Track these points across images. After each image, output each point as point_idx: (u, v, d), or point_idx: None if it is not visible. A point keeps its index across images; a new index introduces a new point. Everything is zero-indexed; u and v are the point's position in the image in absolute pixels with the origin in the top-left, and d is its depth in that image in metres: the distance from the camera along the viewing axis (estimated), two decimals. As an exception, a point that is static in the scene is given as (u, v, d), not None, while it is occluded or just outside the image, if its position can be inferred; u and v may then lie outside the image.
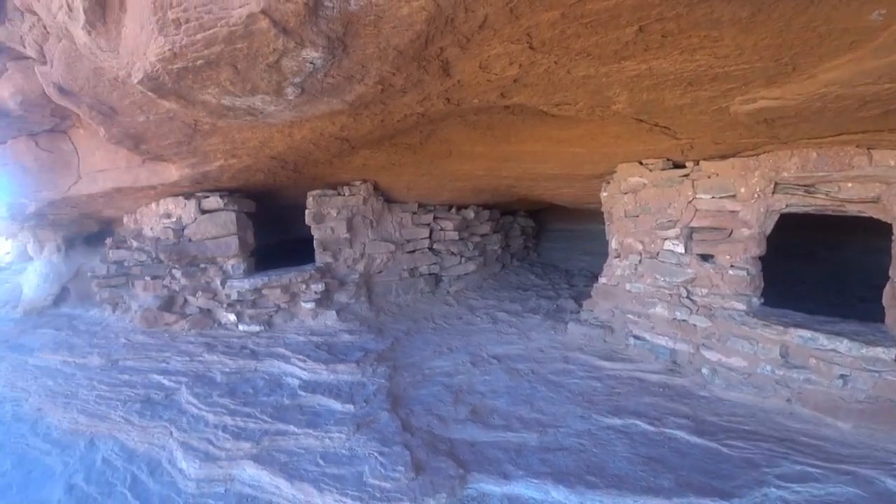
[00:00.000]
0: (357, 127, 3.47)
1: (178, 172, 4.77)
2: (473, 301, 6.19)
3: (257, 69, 2.08)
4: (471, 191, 6.08)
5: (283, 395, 3.96)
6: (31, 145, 5.78)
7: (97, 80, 3.40)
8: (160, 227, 5.61)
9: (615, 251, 4.93)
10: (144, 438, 3.78)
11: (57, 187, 5.83)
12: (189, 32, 1.88)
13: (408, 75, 2.35)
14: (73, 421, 4.20)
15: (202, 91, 2.32)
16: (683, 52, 2.16)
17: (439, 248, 6.39)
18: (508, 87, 2.70)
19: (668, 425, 3.30)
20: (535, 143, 4.35)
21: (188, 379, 4.41)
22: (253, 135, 3.73)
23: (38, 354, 5.60)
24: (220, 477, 3.25)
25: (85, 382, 4.73)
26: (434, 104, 2.98)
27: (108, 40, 2.46)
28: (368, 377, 4.16)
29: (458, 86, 2.65)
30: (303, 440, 3.39)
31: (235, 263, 5.41)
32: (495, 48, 2.14)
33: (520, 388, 4.01)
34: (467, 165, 5.05)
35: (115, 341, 5.50)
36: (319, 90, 2.36)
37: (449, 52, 2.17)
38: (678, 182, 4.18)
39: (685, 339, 4.13)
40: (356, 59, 2.10)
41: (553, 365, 4.38)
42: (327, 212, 5.57)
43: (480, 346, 4.87)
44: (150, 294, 5.68)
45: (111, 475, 3.52)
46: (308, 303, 5.29)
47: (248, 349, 4.84)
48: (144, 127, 3.85)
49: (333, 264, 5.61)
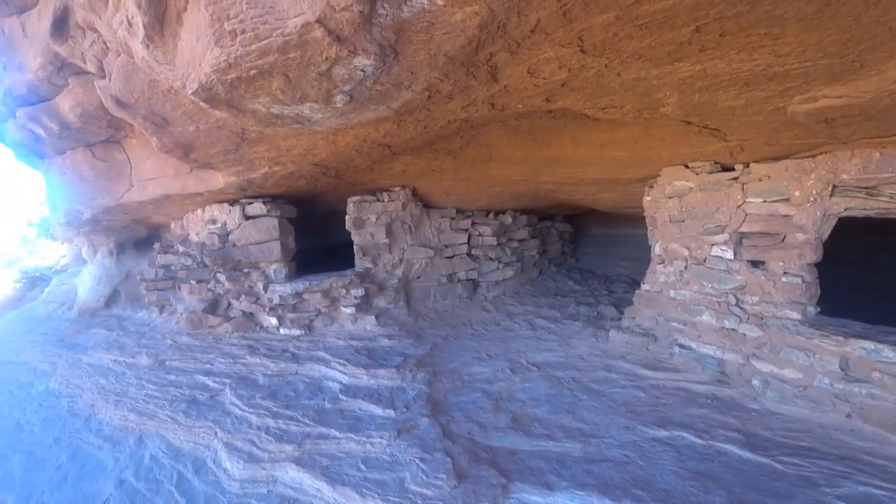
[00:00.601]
0: (400, 133, 3.49)
1: (224, 180, 4.89)
2: (511, 307, 6.13)
3: (308, 77, 2.11)
4: (509, 196, 6.03)
5: (324, 399, 4.00)
6: (87, 155, 6.07)
7: (152, 92, 3.54)
8: (206, 233, 5.79)
9: (659, 257, 4.80)
10: (190, 438, 3.89)
11: (111, 195, 6.10)
12: (244, 43, 1.93)
13: (455, 81, 2.35)
14: (124, 418, 4.36)
15: (253, 100, 2.38)
16: (741, 52, 2.08)
17: (477, 254, 6.35)
18: (555, 91, 2.66)
19: (718, 439, 3.17)
20: (576, 147, 4.28)
21: (231, 380, 4.51)
22: (298, 142, 3.79)
23: (91, 353, 5.86)
24: (263, 478, 3.31)
25: (134, 381, 4.91)
26: (478, 110, 2.97)
27: (164, 53, 2.55)
28: (408, 382, 4.16)
29: (504, 91, 2.63)
30: (344, 444, 3.41)
31: (277, 268, 5.51)
32: (545, 52, 2.12)
33: (561, 396, 3.94)
34: (507, 170, 5.01)
35: (162, 342, 5.69)
36: (367, 97, 2.38)
37: (498, 58, 2.15)
38: (727, 185, 4.04)
39: (734, 348, 3.97)
40: (406, 66, 2.11)
41: (594, 373, 4.29)
42: (367, 217, 5.62)
43: (519, 352, 4.81)
44: (196, 297, 5.88)
45: (159, 472, 3.63)
46: (348, 307, 5.33)
47: (289, 352, 4.91)
48: (194, 136, 3.97)
49: (373, 269, 5.65)
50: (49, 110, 5.34)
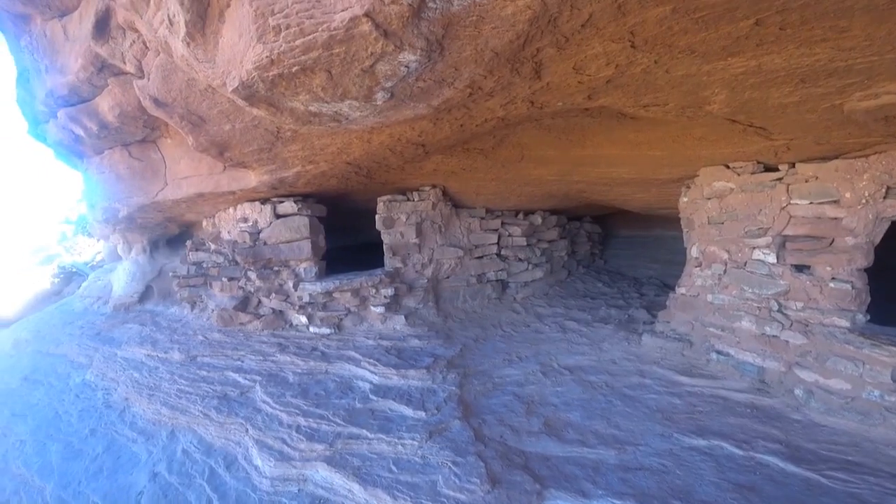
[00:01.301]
0: (436, 132, 3.45)
1: (256, 179, 4.93)
2: (541, 308, 6.05)
3: (351, 74, 2.09)
4: (540, 196, 5.95)
5: (354, 399, 3.99)
6: (124, 155, 6.22)
7: (189, 91, 3.58)
8: (237, 231, 5.85)
9: (695, 260, 4.66)
10: (221, 434, 3.92)
11: (146, 193, 6.23)
12: (288, 38, 1.91)
13: (499, 78, 2.29)
14: (157, 412, 4.45)
15: (293, 98, 2.37)
16: (801, 46, 1.98)
17: (507, 254, 6.28)
18: (599, 88, 2.59)
19: (759, 450, 3.05)
20: (611, 146, 4.19)
21: (262, 378, 4.55)
22: (332, 141, 3.78)
23: (125, 347, 6.00)
24: (293, 477, 3.31)
25: (167, 376, 5.00)
26: (518, 108, 2.91)
27: (205, 51, 2.56)
28: (439, 384, 4.13)
29: (546, 88, 2.56)
30: (375, 445, 3.39)
31: (307, 267, 5.53)
32: (594, 48, 2.05)
33: (594, 401, 3.86)
34: (539, 170, 4.93)
35: (194, 338, 5.79)
36: (408, 95, 2.35)
37: (544, 54, 2.10)
38: (770, 186, 3.89)
39: (775, 356, 3.82)
40: (450, 62, 2.07)
41: (628, 378, 4.19)
42: (397, 217, 5.61)
43: (550, 355, 4.74)
44: (227, 294, 5.95)
45: (191, 467, 3.68)
46: (377, 307, 5.32)
47: (318, 351, 4.93)
48: (230, 135, 4.01)
49: (402, 269, 5.64)
50: (89, 111, 5.47)
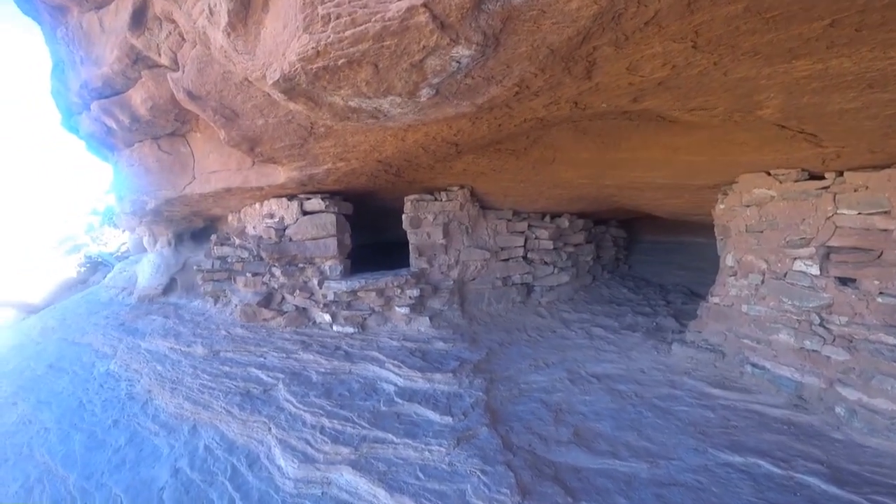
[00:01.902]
0: (472, 131, 3.38)
1: (285, 175, 4.91)
2: (566, 314, 5.94)
3: (398, 69, 2.02)
4: (568, 199, 5.84)
5: (379, 401, 3.94)
6: (154, 148, 6.26)
7: (224, 84, 3.56)
8: (262, 227, 5.85)
9: (730, 269, 4.52)
10: (244, 431, 3.90)
11: (174, 186, 6.26)
12: (337, 29, 1.85)
13: (549, 77, 2.21)
14: (179, 406, 4.45)
15: (334, 92, 2.32)
16: (875, 49, 1.86)
17: (533, 258, 6.18)
18: (649, 91, 2.49)
19: (798, 469, 2.92)
20: (647, 150, 4.07)
21: (285, 376, 4.52)
22: (366, 138, 3.74)
23: (149, 339, 6.04)
24: (317, 479, 3.27)
25: (189, 370, 5.00)
26: (560, 109, 2.82)
27: (245, 42, 2.52)
28: (465, 388, 4.06)
29: (594, 89, 2.47)
30: (402, 450, 3.34)
31: (333, 265, 5.51)
32: (653, 47, 1.95)
33: (624, 411, 3.75)
34: (570, 172, 4.83)
35: (217, 333, 5.79)
36: (454, 92, 2.28)
37: (600, 52, 2.01)
38: (815, 195, 3.74)
39: (815, 371, 3.67)
40: (503, 59, 1.99)
41: (658, 389, 4.07)
42: (424, 217, 5.56)
43: (578, 362, 4.63)
44: (251, 290, 5.96)
45: (213, 464, 3.66)
46: (402, 308, 5.27)
47: (342, 350, 4.89)
48: (262, 130, 3.98)
49: (428, 270, 5.58)
50: (122, 103, 5.51)
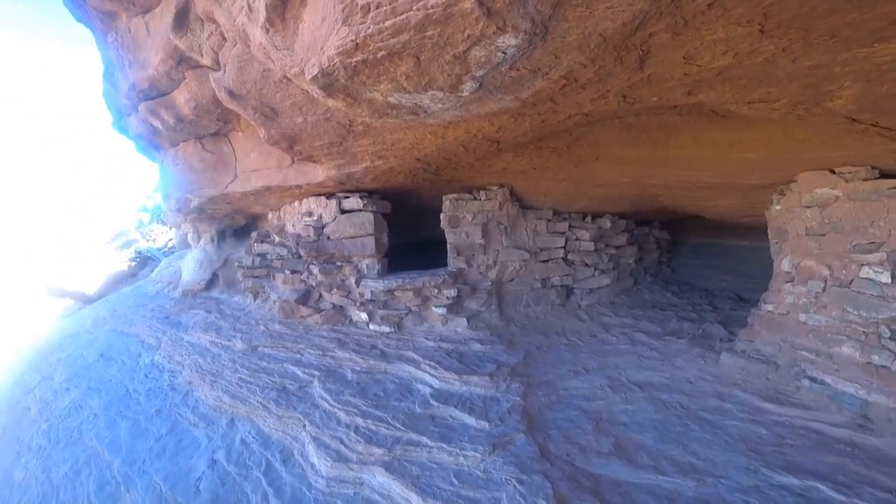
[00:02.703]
0: (514, 128, 3.26)
1: (324, 173, 4.92)
2: (607, 318, 5.72)
3: (441, 61, 1.94)
4: (611, 199, 5.63)
5: (414, 403, 3.87)
6: (197, 147, 6.43)
7: (264, 82, 3.57)
8: (301, 225, 5.90)
9: (787, 274, 4.23)
10: (279, 427, 3.91)
11: (216, 185, 6.41)
12: (377, 20, 1.79)
13: (599, 68, 2.07)
14: (218, 399, 4.51)
15: (373, 87, 2.26)
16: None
17: (573, 259, 5.97)
18: (705, 82, 2.31)
19: (864, 497, 2.65)
20: (696, 147, 3.85)
21: (320, 373, 4.52)
22: (405, 136, 3.68)
23: (191, 332, 6.19)
24: (350, 479, 3.24)
25: (229, 364, 5.08)
26: (608, 103, 2.66)
27: (284, 38, 2.50)
28: (502, 392, 3.93)
29: (645, 81, 2.32)
30: (436, 454, 3.25)
31: (370, 263, 5.49)
32: (715, 33, 1.79)
33: (668, 423, 3.53)
34: (613, 171, 4.64)
35: (256, 328, 5.88)
36: (498, 86, 2.17)
37: (656, 40, 1.86)
38: (887, 195, 3.43)
39: (884, 389, 3.36)
40: (551, 49, 1.87)
41: (705, 400, 3.82)
42: (462, 216, 5.46)
43: (619, 369, 4.43)
44: (289, 287, 6.02)
45: (248, 457, 3.68)
46: (439, 308, 5.19)
47: (377, 349, 4.86)
48: (301, 128, 3.99)
49: (466, 270, 5.48)
50: (167, 104, 5.68)
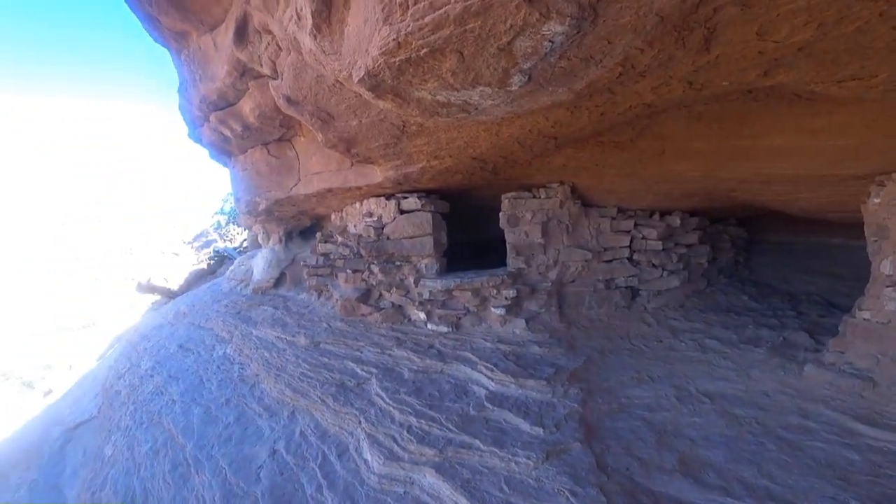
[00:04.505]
0: (571, 122, 3.12)
1: (382, 174, 5.00)
2: (675, 322, 5.36)
3: (485, 54, 1.88)
4: (679, 194, 5.28)
5: (468, 405, 3.82)
6: (264, 153, 6.77)
7: (318, 87, 3.66)
8: (362, 225, 6.04)
9: (888, 278, 3.76)
10: (336, 421, 4.03)
11: (282, 188, 6.71)
12: (416, 16, 1.77)
13: (658, 52, 1.92)
14: (281, 392, 4.73)
15: (420, 86, 2.23)
16: None
17: (639, 259, 5.64)
18: (784, 59, 2.07)
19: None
20: (776, 135, 3.50)
21: (378, 371, 4.60)
22: (459, 135, 3.65)
23: (259, 327, 6.55)
24: (400, 477, 3.27)
25: (292, 359, 5.30)
26: (671, 90, 2.47)
27: (331, 42, 2.55)
28: (559, 398, 3.79)
29: (712, 63, 2.12)
30: (487, 458, 3.19)
31: (429, 263, 5.51)
32: (795, 0, 1.59)
33: (741, 440, 3.20)
34: (681, 165, 4.34)
35: (318, 325, 6.10)
36: (548, 77, 2.08)
37: (722, 16, 1.68)
38: None
39: None
40: (603, 34, 1.75)
41: (785, 417, 3.42)
42: (522, 215, 5.33)
43: (687, 378, 4.12)
44: (350, 286, 6.19)
45: (306, 449, 3.83)
46: (498, 309, 5.10)
47: (434, 349, 4.86)
48: (356, 130, 4.06)
49: (525, 270, 5.35)
50: (234, 113, 6.04)
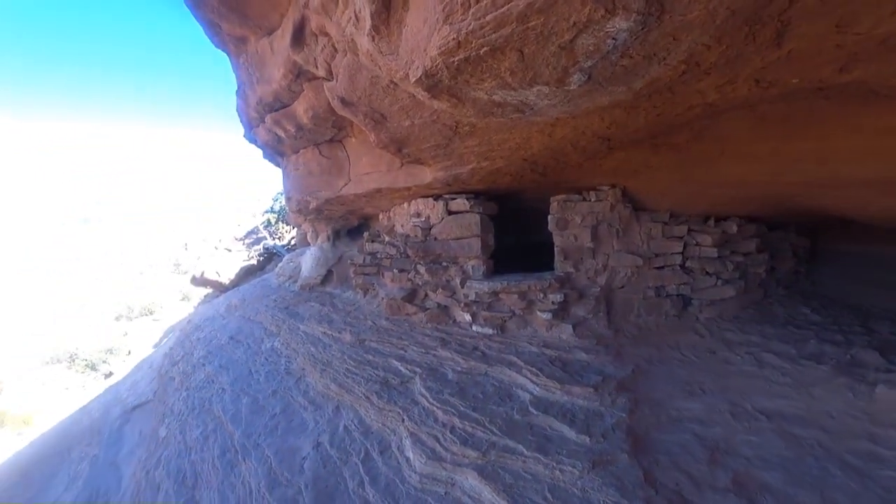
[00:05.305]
0: (627, 123, 3.05)
1: (431, 175, 5.03)
2: (729, 333, 5.10)
3: (545, 53, 1.85)
4: (737, 200, 5.02)
5: (512, 409, 3.78)
6: (315, 153, 6.98)
7: (372, 88, 3.72)
8: (410, 225, 6.11)
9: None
10: (379, 418, 4.08)
11: (332, 188, 6.88)
12: (478, 14, 1.76)
13: (726, 48, 1.83)
14: (326, 386, 4.84)
15: (477, 86, 2.23)
16: None
17: (692, 266, 5.40)
18: (865, 52, 1.92)
19: None
20: (848, 136, 3.25)
21: (422, 370, 4.63)
22: (511, 136, 3.63)
23: (306, 323, 6.76)
24: (442, 478, 3.27)
25: (338, 355, 5.42)
26: (736, 89, 2.36)
27: (389, 43, 2.58)
28: (606, 407, 3.69)
29: (784, 59, 2.01)
30: (531, 465, 3.15)
31: (476, 265, 5.49)
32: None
33: (802, 463, 2.98)
34: (741, 168, 4.12)
35: (364, 322, 6.24)
36: (608, 76, 2.03)
37: (799, 6, 1.59)
38: None
39: None
40: (669, 29, 1.69)
41: (852, 442, 3.14)
42: (571, 218, 5.23)
43: (742, 393, 3.89)
44: (396, 285, 6.28)
45: (349, 444, 3.89)
46: (544, 313, 5.02)
47: (479, 351, 4.84)
48: (409, 131, 4.11)
49: (574, 275, 5.26)
50: (288, 114, 6.25)
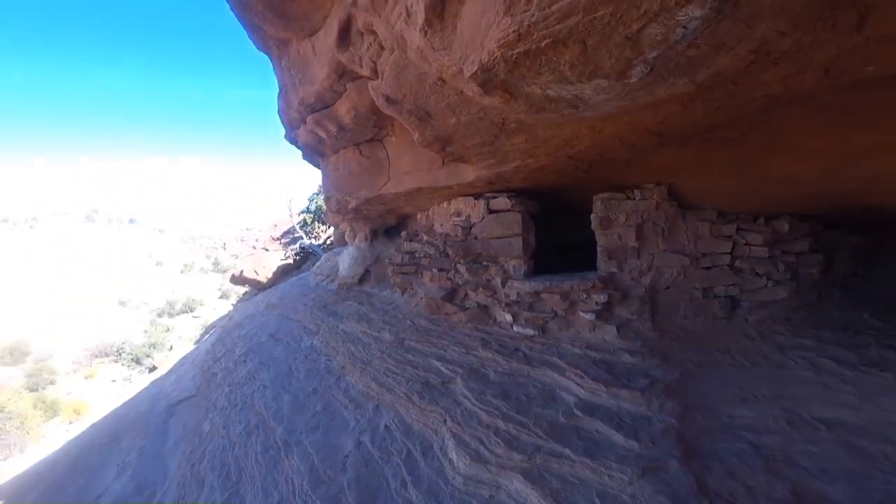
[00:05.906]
0: (682, 117, 2.93)
1: (474, 173, 5.00)
2: (782, 337, 4.85)
3: (610, 44, 1.80)
4: (790, 197, 4.80)
5: (557, 411, 3.72)
6: (355, 153, 7.06)
7: (419, 86, 3.72)
8: (450, 225, 6.10)
9: None
10: (421, 419, 4.07)
11: (372, 187, 6.93)
12: (543, 5, 1.72)
13: (801, 35, 1.73)
14: (366, 385, 4.87)
15: (533, 80, 2.20)
16: None
17: (741, 267, 5.15)
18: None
19: None
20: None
21: (463, 371, 4.60)
22: (559, 132, 3.55)
23: (345, 322, 6.84)
24: (486, 481, 3.23)
25: (378, 354, 5.45)
26: (803, 79, 2.23)
27: (442, 38, 2.56)
28: (654, 412, 3.57)
29: (861, 45, 1.88)
30: (578, 469, 3.08)
31: (517, 264, 5.42)
32: None
33: (868, 477, 2.79)
34: (797, 164, 3.91)
35: (403, 322, 6.25)
36: (671, 68, 1.96)
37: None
38: None
39: None
40: (743, 16, 1.61)
41: None
42: (615, 217, 5.10)
43: (799, 400, 3.69)
44: (436, 285, 6.28)
45: (390, 444, 3.90)
46: (588, 314, 4.91)
47: (520, 352, 4.77)
48: (454, 129, 4.10)
49: (617, 275, 5.13)
50: (330, 115, 6.33)
